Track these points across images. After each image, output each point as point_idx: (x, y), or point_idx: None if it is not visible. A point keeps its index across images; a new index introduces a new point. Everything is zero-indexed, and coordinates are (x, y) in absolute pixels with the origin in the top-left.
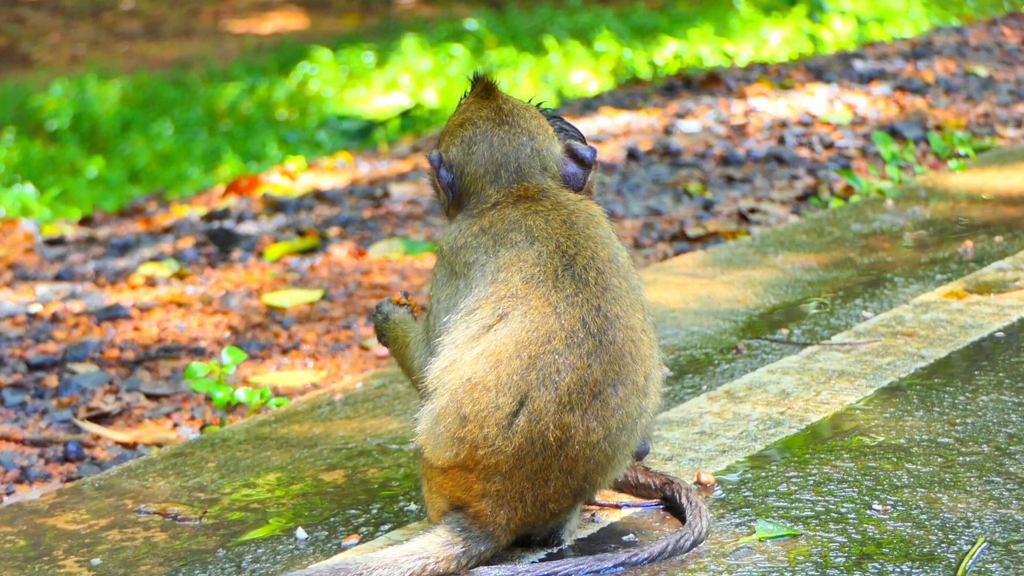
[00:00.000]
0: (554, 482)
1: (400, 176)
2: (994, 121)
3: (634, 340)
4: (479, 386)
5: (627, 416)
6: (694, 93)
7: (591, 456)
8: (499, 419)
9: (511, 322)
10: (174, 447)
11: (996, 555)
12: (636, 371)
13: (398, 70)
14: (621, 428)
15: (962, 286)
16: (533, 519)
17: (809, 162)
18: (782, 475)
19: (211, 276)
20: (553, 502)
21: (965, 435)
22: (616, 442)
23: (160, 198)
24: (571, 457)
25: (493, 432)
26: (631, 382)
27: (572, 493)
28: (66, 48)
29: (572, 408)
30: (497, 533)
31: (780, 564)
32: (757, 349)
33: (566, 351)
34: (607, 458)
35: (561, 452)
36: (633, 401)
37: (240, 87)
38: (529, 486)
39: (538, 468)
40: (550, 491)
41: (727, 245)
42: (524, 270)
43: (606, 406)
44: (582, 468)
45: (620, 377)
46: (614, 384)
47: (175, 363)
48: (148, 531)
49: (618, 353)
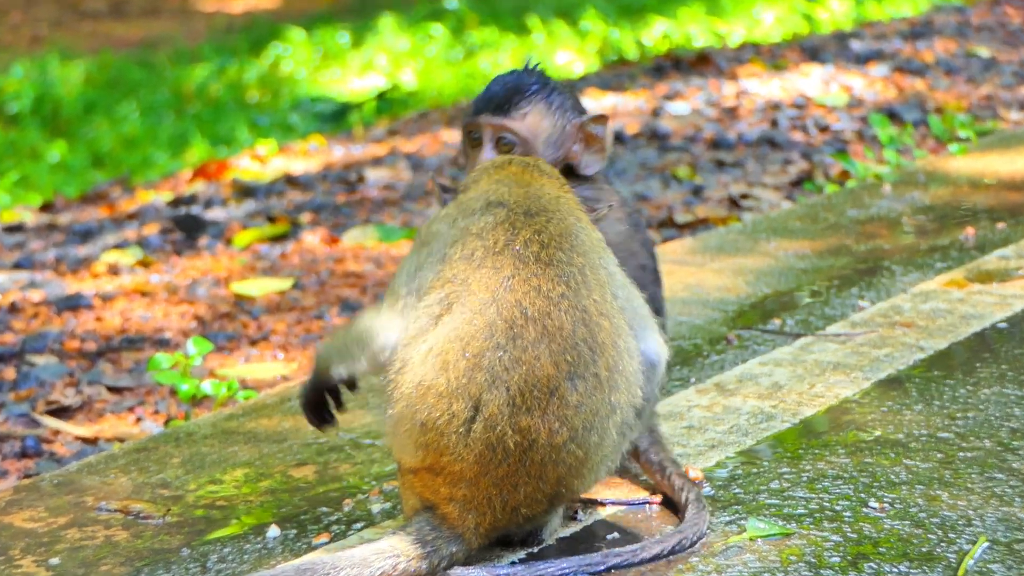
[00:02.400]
0: (524, 488)
1: (376, 160)
2: (996, 103)
3: (587, 324)
4: (431, 391)
5: (593, 415)
6: (684, 74)
7: (560, 460)
8: (456, 427)
9: (455, 314)
10: (137, 442)
11: (998, 555)
12: (595, 362)
13: (375, 50)
14: (589, 428)
15: (963, 274)
16: (504, 524)
17: (803, 146)
18: (774, 471)
19: (177, 264)
20: (525, 507)
21: (966, 430)
22: (586, 443)
23: (125, 183)
24: (537, 462)
25: (453, 440)
26: (591, 375)
27: (546, 499)
28: (27, 28)
29: (529, 409)
30: (467, 536)
31: (772, 564)
32: (748, 340)
33: (509, 344)
34: (579, 461)
35: (526, 457)
36: (598, 397)
37: (209, 68)
38: (497, 492)
39: (504, 475)
40: (520, 497)
41: (717, 232)
42: (467, 245)
43: (566, 404)
44: (552, 473)
45: (577, 369)
46: (571, 378)
47: (139, 355)
48: (109, 530)
49: (568, 341)
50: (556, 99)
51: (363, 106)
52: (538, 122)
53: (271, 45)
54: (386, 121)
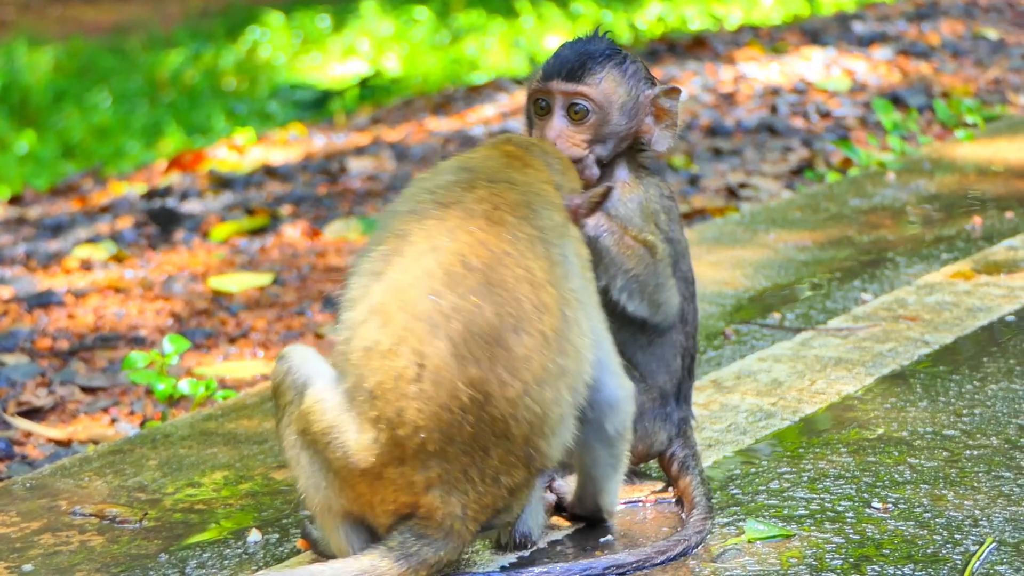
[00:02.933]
0: (495, 450)
1: (358, 150)
2: (1005, 88)
3: (532, 284)
4: (375, 353)
5: (544, 371)
6: (679, 58)
7: (519, 416)
8: (404, 388)
9: (393, 267)
10: (112, 444)
11: (1006, 556)
12: (540, 319)
13: (357, 35)
14: (542, 383)
15: (970, 266)
16: (491, 500)
17: (804, 133)
18: (774, 471)
19: (152, 259)
20: (505, 475)
21: (972, 427)
22: (541, 400)
23: (97, 175)
24: (498, 418)
25: (403, 405)
26: (536, 331)
27: (521, 462)
28: None
29: (476, 360)
30: (457, 527)
31: (771, 567)
32: (747, 335)
33: (447, 291)
34: (538, 418)
35: (484, 413)
36: (547, 355)
37: (184, 54)
38: (470, 461)
39: (471, 438)
40: (495, 461)
41: (714, 223)
42: (418, 201)
43: (512, 355)
44: (516, 430)
45: (520, 323)
46: (516, 330)
47: (113, 353)
48: (84, 534)
49: (511, 294)
50: (630, 67)
51: (345, 93)
52: (613, 89)
53: (248, 29)
54: (369, 109)
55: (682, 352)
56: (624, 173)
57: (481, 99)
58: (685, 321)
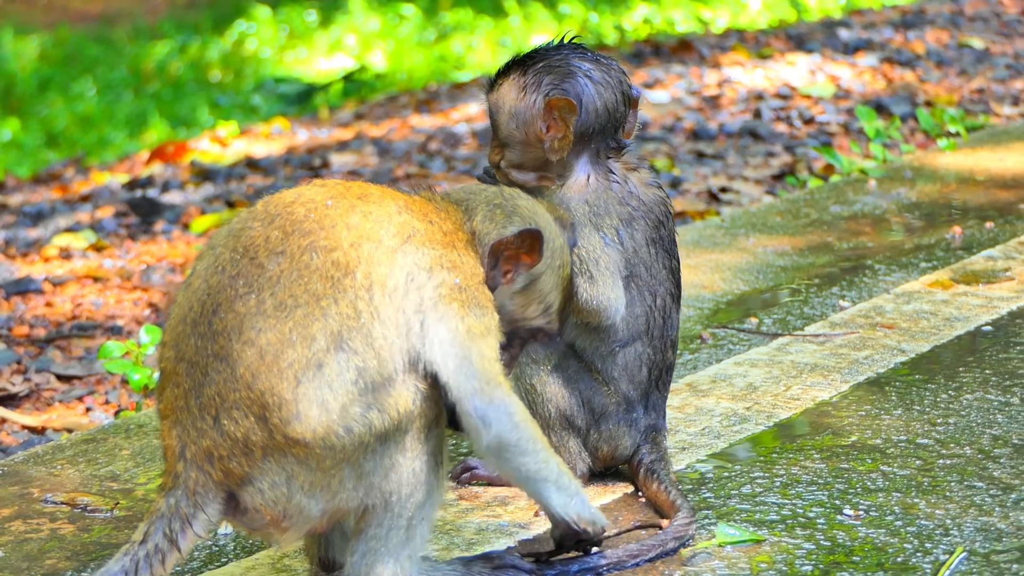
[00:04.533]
0: (215, 375)
1: (341, 144)
2: (989, 97)
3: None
4: None
5: (289, 296)
6: (664, 61)
7: (246, 337)
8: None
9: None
10: (85, 433)
11: (976, 566)
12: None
13: (343, 30)
14: (282, 308)
15: (948, 275)
16: (210, 444)
17: (787, 138)
18: (746, 475)
19: (131, 249)
20: (225, 416)
21: (946, 436)
22: (281, 330)
23: (79, 164)
24: (220, 331)
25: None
26: (286, 257)
27: (245, 404)
28: None
29: (225, 269)
30: (180, 470)
31: (741, 571)
32: (723, 339)
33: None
34: (271, 350)
35: (211, 327)
36: (297, 283)
37: (170, 45)
38: (191, 385)
39: (194, 354)
40: (213, 391)
41: (694, 226)
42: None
43: (264, 272)
44: (239, 355)
45: (275, 247)
46: (274, 255)
47: (89, 342)
48: (55, 523)
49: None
50: (535, 76)
51: (329, 87)
52: (506, 95)
53: (235, 23)
54: (353, 104)
55: (649, 364)
56: (581, 174)
57: (465, 97)
58: (651, 335)
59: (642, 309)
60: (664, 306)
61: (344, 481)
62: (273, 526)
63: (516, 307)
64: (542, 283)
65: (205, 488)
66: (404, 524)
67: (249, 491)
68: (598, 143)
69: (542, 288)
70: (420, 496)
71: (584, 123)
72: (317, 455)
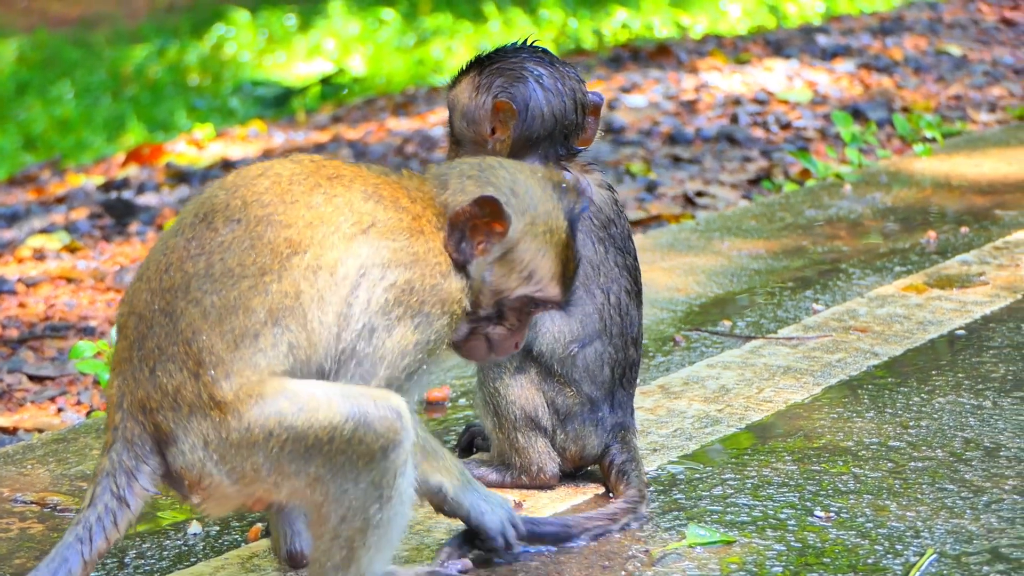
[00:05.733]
0: (157, 329)
1: (318, 147)
2: (966, 104)
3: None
4: None
5: (239, 267)
6: (642, 66)
7: (192, 296)
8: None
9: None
10: (56, 432)
11: (946, 567)
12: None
13: (323, 34)
14: (229, 276)
15: (922, 279)
16: (143, 396)
17: (763, 143)
18: (718, 477)
19: (105, 250)
20: (161, 368)
21: (918, 439)
22: (223, 293)
23: (56, 166)
24: (168, 288)
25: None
26: (241, 224)
27: (181, 359)
28: None
29: (179, 232)
30: (117, 421)
31: (711, 572)
32: (696, 341)
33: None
34: (214, 309)
35: (162, 283)
36: (246, 254)
37: (149, 49)
38: (136, 337)
39: (142, 309)
40: (153, 344)
41: (669, 229)
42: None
43: (216, 233)
44: (182, 310)
45: (231, 214)
46: (229, 222)
47: (62, 343)
48: (24, 522)
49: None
50: (488, 78)
51: (307, 91)
52: (460, 94)
53: (214, 27)
54: (331, 107)
55: (611, 363)
56: None
57: (443, 100)
58: (610, 333)
59: (594, 307)
60: (620, 303)
61: (260, 470)
62: (195, 489)
63: (497, 277)
64: (521, 250)
65: (142, 440)
66: (344, 544)
67: (172, 452)
68: (546, 148)
69: (522, 256)
70: (357, 522)
71: (528, 128)
72: (233, 426)
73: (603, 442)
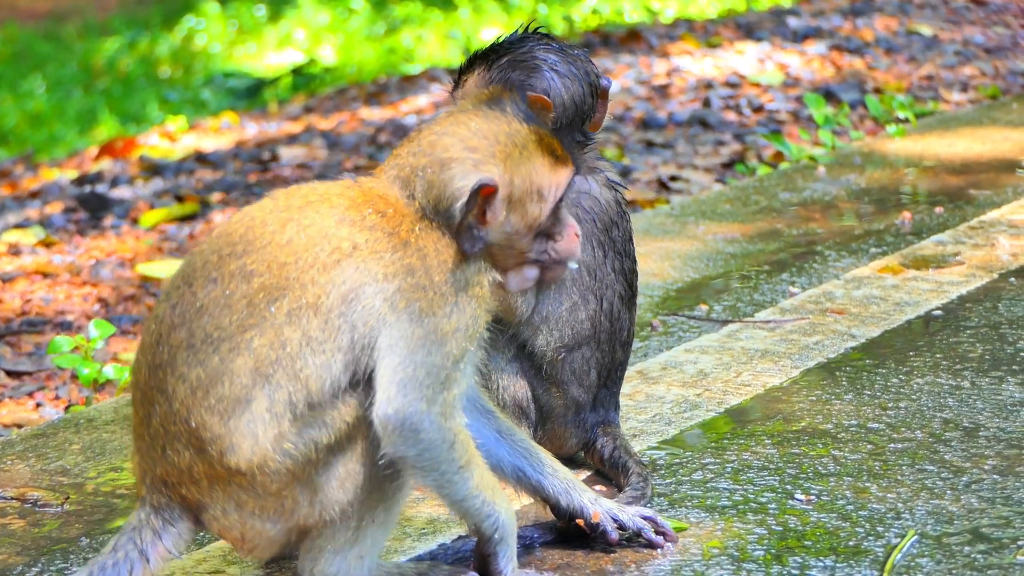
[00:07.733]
0: (158, 407)
1: (290, 138)
2: (938, 84)
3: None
4: None
5: (219, 330)
6: (613, 51)
7: (179, 372)
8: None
9: None
10: (35, 428)
11: (927, 548)
12: (238, 266)
13: (293, 24)
14: (209, 342)
15: (898, 260)
16: (163, 473)
17: (736, 126)
18: (698, 462)
19: (80, 244)
20: (170, 447)
21: (897, 420)
22: (206, 361)
23: (28, 161)
24: (159, 364)
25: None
26: (227, 277)
27: (185, 437)
28: None
29: (166, 298)
30: (143, 493)
31: (692, 557)
32: (674, 326)
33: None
34: (202, 383)
35: (156, 356)
36: (225, 315)
37: (120, 42)
38: (144, 414)
39: (144, 386)
40: (157, 423)
41: (644, 214)
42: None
43: (194, 298)
44: (174, 388)
45: (210, 273)
46: (212, 281)
47: (39, 338)
48: (5, 518)
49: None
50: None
51: (278, 82)
52: (471, 93)
53: (184, 18)
54: (302, 97)
55: (598, 367)
56: None
57: (415, 89)
58: (599, 339)
59: (586, 314)
60: (612, 309)
61: (298, 499)
62: (238, 546)
63: (517, 219)
64: (517, 185)
65: (169, 507)
66: (353, 524)
67: (207, 516)
68: (563, 137)
69: (521, 187)
70: (372, 499)
71: (552, 119)
72: (260, 482)
73: (581, 441)
